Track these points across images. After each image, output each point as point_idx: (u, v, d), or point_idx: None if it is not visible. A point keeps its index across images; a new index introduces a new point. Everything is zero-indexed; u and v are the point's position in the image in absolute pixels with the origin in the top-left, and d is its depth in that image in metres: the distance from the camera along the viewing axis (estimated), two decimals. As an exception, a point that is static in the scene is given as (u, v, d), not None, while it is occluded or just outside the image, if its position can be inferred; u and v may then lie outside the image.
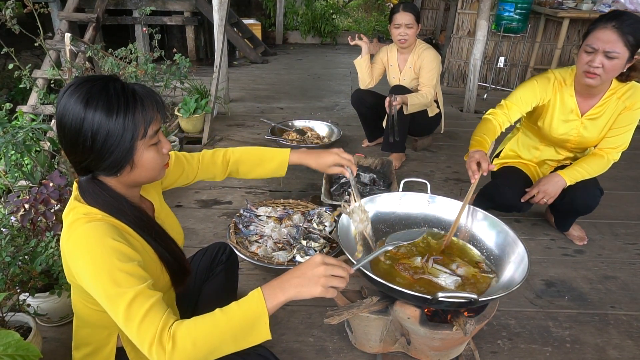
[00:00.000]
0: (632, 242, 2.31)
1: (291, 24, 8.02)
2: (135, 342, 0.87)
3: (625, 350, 1.63)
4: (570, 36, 4.81)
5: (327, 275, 0.94)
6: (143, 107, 0.93)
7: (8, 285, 1.36)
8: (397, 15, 2.84)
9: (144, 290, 0.89)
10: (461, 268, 1.45)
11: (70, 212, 0.97)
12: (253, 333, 0.90)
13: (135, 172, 0.98)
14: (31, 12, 2.35)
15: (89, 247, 0.90)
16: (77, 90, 0.91)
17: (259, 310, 0.90)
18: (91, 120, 0.89)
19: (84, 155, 0.93)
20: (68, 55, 2.81)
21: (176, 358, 0.84)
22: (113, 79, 0.94)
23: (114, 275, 0.88)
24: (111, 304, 0.88)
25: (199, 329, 0.87)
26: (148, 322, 0.86)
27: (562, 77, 1.96)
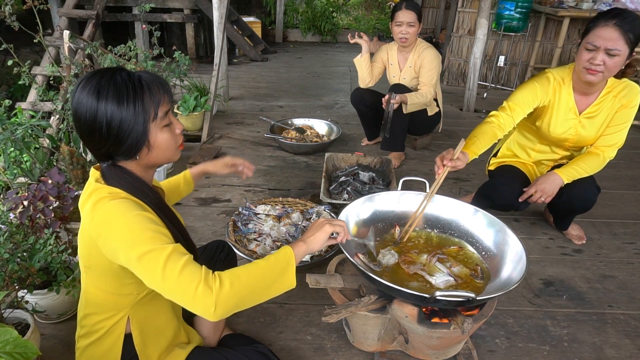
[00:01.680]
0: (631, 242, 2.31)
1: (291, 22, 8.01)
2: (176, 290, 0.92)
3: (622, 349, 1.64)
4: (571, 35, 4.80)
5: (329, 222, 1.17)
6: (150, 91, 1.00)
7: (6, 282, 1.36)
8: (400, 13, 2.82)
9: (178, 248, 0.96)
10: (455, 267, 1.46)
11: (92, 194, 1.02)
12: (283, 277, 1.03)
13: (153, 154, 1.05)
14: (30, 8, 2.35)
15: (121, 216, 0.96)
16: (88, 84, 0.97)
17: (289, 255, 1.06)
18: (104, 110, 0.96)
19: (101, 142, 1.00)
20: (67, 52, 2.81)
21: (223, 295, 0.92)
22: (119, 69, 1.00)
23: (148, 235, 0.95)
24: (148, 262, 0.93)
25: (240, 270, 0.98)
26: (189, 270, 0.93)
27: (560, 77, 1.96)
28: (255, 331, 1.65)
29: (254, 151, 3.24)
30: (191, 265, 0.94)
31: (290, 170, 2.95)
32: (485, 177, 2.32)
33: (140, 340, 1.13)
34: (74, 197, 1.74)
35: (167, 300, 1.20)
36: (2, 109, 2.13)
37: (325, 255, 1.91)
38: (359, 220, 1.61)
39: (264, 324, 1.68)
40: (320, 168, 2.94)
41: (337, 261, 1.62)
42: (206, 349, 1.29)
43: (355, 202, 1.62)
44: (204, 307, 0.91)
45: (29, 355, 1.00)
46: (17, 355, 0.99)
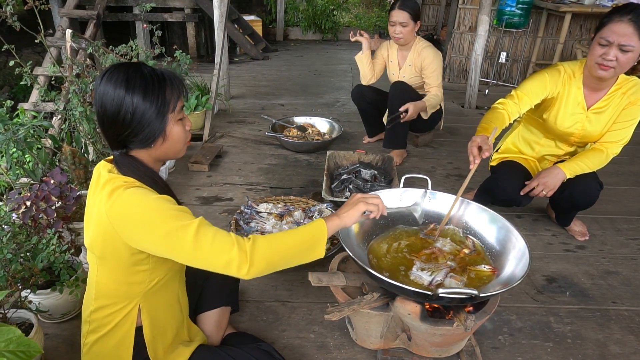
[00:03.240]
0: (634, 238, 2.30)
1: (292, 20, 8.00)
2: (209, 258, 0.99)
3: (627, 346, 1.63)
4: (573, 31, 4.78)
5: (364, 198, 1.20)
6: (171, 85, 1.08)
7: (9, 282, 1.37)
8: (393, 12, 2.81)
9: (204, 221, 1.03)
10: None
11: (106, 184, 1.05)
12: (314, 246, 1.09)
13: (166, 145, 1.11)
14: (32, 8, 2.34)
15: (142, 201, 1.01)
16: (115, 74, 1.04)
17: (322, 227, 1.11)
18: (131, 100, 1.03)
19: (123, 129, 1.05)
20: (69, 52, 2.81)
21: (257, 254, 0.99)
22: (143, 64, 1.09)
23: (172, 214, 1.01)
24: (176, 237, 0.98)
25: (273, 236, 1.04)
26: (221, 236, 1.00)
27: (571, 70, 1.94)
28: (258, 329, 1.65)
29: (256, 150, 3.24)
30: (222, 232, 1.01)
31: (292, 169, 2.95)
32: (486, 174, 2.31)
33: (150, 331, 1.15)
34: (76, 197, 1.75)
35: (174, 291, 1.21)
36: (4, 109, 2.14)
37: (328, 254, 1.90)
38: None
39: (267, 322, 1.69)
40: (321, 166, 2.94)
41: (339, 259, 1.62)
42: (210, 347, 1.29)
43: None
44: (237, 267, 0.98)
45: (32, 353, 1.00)
46: (20, 354, 0.99)
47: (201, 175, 2.82)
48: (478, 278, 1.42)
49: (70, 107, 2.32)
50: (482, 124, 1.87)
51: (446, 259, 1.49)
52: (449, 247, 1.54)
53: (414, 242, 1.59)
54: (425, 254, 1.52)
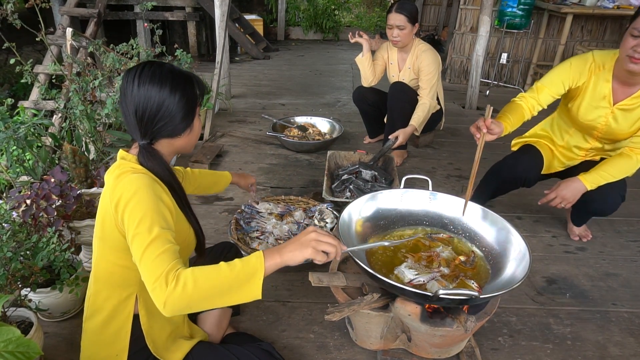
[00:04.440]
0: (634, 240, 2.30)
1: (293, 20, 7.99)
2: (145, 276, 0.98)
3: (626, 348, 1.63)
4: (574, 32, 4.78)
5: (317, 240, 1.04)
6: (197, 82, 1.18)
7: (10, 280, 1.36)
8: (390, 15, 2.79)
9: (168, 235, 1.02)
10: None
11: (116, 169, 1.12)
12: (247, 287, 0.98)
13: (190, 136, 1.19)
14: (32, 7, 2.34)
15: (140, 186, 1.05)
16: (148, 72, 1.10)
17: (257, 266, 1.00)
18: (173, 95, 1.10)
19: (162, 119, 1.12)
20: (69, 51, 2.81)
21: (174, 296, 0.93)
22: (168, 63, 1.15)
23: (151, 214, 1.02)
24: (139, 234, 1.00)
25: (202, 273, 0.97)
26: (160, 260, 0.97)
27: (601, 61, 1.83)
28: (258, 329, 1.65)
29: (256, 149, 3.24)
30: (166, 255, 0.98)
31: (293, 169, 2.95)
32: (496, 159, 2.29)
33: (147, 320, 1.16)
34: (77, 196, 1.74)
35: None
36: (4, 107, 2.13)
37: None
38: (362, 218, 1.61)
39: (266, 322, 1.68)
40: (322, 166, 2.94)
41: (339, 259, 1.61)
42: (211, 343, 1.30)
43: (357, 201, 1.62)
44: (156, 301, 0.95)
45: (31, 354, 1.00)
46: (19, 355, 0.99)
47: (201, 175, 2.82)
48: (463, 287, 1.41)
49: (71, 106, 2.32)
50: (500, 114, 1.86)
51: (441, 264, 1.48)
52: (448, 254, 1.53)
53: (414, 244, 1.58)
54: (422, 256, 1.52)
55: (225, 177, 1.74)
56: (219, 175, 1.73)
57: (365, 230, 1.60)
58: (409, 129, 2.79)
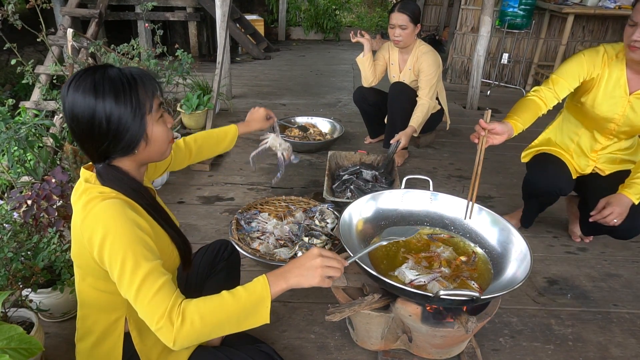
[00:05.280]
0: (636, 240, 2.29)
1: (294, 20, 7.99)
2: (144, 316, 0.92)
3: (628, 349, 1.63)
4: (575, 32, 4.77)
5: (323, 267, 1.02)
6: (143, 84, 1.01)
7: (11, 281, 1.37)
8: (392, 15, 2.79)
9: (158, 266, 0.95)
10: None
11: (82, 194, 1.01)
12: (255, 315, 0.97)
13: (150, 148, 1.05)
14: (33, 7, 2.35)
15: (110, 219, 0.95)
16: (82, 82, 0.97)
17: (264, 294, 0.97)
18: (103, 106, 0.96)
19: (101, 139, 0.99)
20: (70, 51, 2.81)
21: (183, 334, 0.90)
22: (109, 66, 1.00)
23: (133, 247, 0.93)
24: (127, 275, 0.92)
25: (207, 307, 0.93)
26: (159, 297, 0.91)
27: (613, 51, 1.83)
28: (258, 330, 1.64)
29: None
30: (163, 291, 0.92)
31: (293, 169, 2.95)
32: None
33: (140, 340, 1.12)
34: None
35: None
36: (5, 108, 2.14)
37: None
38: (362, 219, 1.61)
39: (267, 322, 1.68)
40: (323, 166, 2.93)
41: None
42: (209, 349, 1.29)
43: (358, 201, 1.62)
44: (164, 339, 0.91)
45: (34, 351, 1.02)
46: (22, 351, 1.01)
47: (202, 175, 2.82)
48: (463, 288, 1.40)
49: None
50: (509, 113, 1.80)
51: (442, 265, 1.48)
52: (449, 255, 1.53)
53: (415, 245, 1.58)
54: (423, 256, 1.52)
55: (231, 131, 1.59)
56: (223, 131, 1.58)
57: (366, 230, 1.59)
58: (409, 130, 2.78)
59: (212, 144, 1.55)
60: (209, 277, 1.47)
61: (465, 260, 1.50)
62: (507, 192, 2.72)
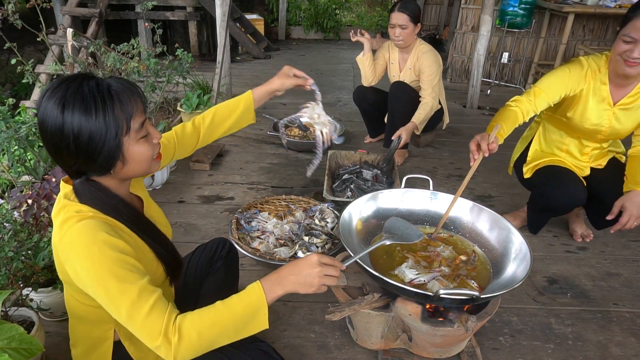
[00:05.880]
0: (636, 239, 2.29)
1: (294, 19, 7.99)
2: (140, 336, 0.90)
3: (628, 348, 1.63)
4: (575, 31, 4.77)
5: (321, 275, 1.00)
6: (121, 103, 0.91)
7: (11, 280, 1.37)
8: (392, 15, 2.79)
9: (146, 285, 0.91)
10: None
11: (60, 211, 0.96)
12: (252, 323, 0.96)
13: (128, 167, 0.97)
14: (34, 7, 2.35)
15: (85, 246, 0.89)
16: (54, 94, 0.89)
17: (260, 303, 0.96)
18: (70, 124, 0.88)
19: (70, 159, 0.93)
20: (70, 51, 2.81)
21: (182, 350, 0.88)
22: (87, 77, 0.92)
23: (114, 271, 0.89)
24: (113, 300, 0.89)
25: (203, 321, 0.91)
26: (153, 317, 0.88)
27: (596, 65, 1.84)
28: (258, 329, 1.65)
29: (257, 149, 3.24)
30: (155, 310, 0.89)
31: (293, 168, 2.95)
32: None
33: (135, 348, 1.10)
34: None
35: None
36: (6, 107, 2.14)
37: (329, 253, 1.90)
38: (362, 218, 1.61)
39: (267, 321, 1.68)
40: (323, 166, 2.93)
41: (340, 259, 1.61)
42: None
43: (358, 200, 1.62)
44: (164, 356, 0.89)
45: (34, 351, 1.02)
46: (22, 351, 1.01)
47: (202, 174, 2.82)
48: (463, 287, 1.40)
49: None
50: (491, 122, 1.80)
51: (442, 264, 1.48)
52: (448, 254, 1.53)
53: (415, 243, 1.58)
54: (422, 255, 1.52)
55: (244, 97, 1.39)
56: (235, 99, 1.38)
57: (365, 230, 1.60)
58: (410, 125, 2.78)
59: (223, 115, 1.38)
60: (207, 276, 1.47)
61: (464, 260, 1.50)
62: (507, 192, 2.72)
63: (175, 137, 1.33)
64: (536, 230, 2.24)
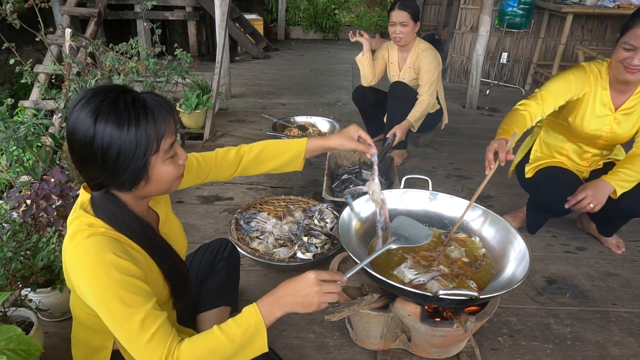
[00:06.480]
0: (634, 240, 2.30)
1: (293, 20, 7.98)
2: (140, 356, 0.89)
3: (626, 348, 1.63)
4: (574, 32, 4.77)
5: (320, 294, 0.98)
6: (155, 121, 0.90)
7: (10, 280, 1.37)
8: (392, 13, 2.81)
9: (151, 310, 0.89)
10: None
11: (74, 221, 0.96)
12: (251, 347, 0.95)
13: (151, 186, 0.96)
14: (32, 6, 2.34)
15: (91, 265, 0.88)
16: (88, 104, 0.88)
17: (258, 327, 0.95)
18: (101, 137, 0.87)
19: (95, 172, 0.92)
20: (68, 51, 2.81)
21: None
22: (124, 91, 0.91)
23: (119, 295, 0.87)
24: (116, 322, 0.88)
25: (201, 349, 0.90)
26: (154, 344, 0.88)
27: (597, 70, 1.86)
28: (257, 329, 1.65)
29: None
30: (157, 337, 0.88)
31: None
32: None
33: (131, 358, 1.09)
34: (76, 196, 1.74)
35: None
36: (4, 107, 2.13)
37: (328, 254, 1.90)
38: (361, 218, 1.61)
39: (266, 322, 1.68)
40: (322, 166, 2.93)
41: (339, 259, 1.61)
42: None
43: (357, 200, 1.62)
44: None
45: (32, 352, 1.01)
46: (20, 352, 1.01)
47: (201, 174, 2.82)
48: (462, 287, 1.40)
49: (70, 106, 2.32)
50: (503, 126, 1.79)
51: (443, 264, 1.48)
52: (457, 254, 1.52)
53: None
54: (422, 255, 1.52)
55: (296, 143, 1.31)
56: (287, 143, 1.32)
57: (365, 230, 1.59)
58: (405, 123, 2.79)
59: (270, 154, 1.32)
60: (209, 277, 1.47)
61: (468, 262, 1.49)
62: (506, 192, 2.72)
63: (214, 159, 1.31)
64: (534, 231, 2.24)
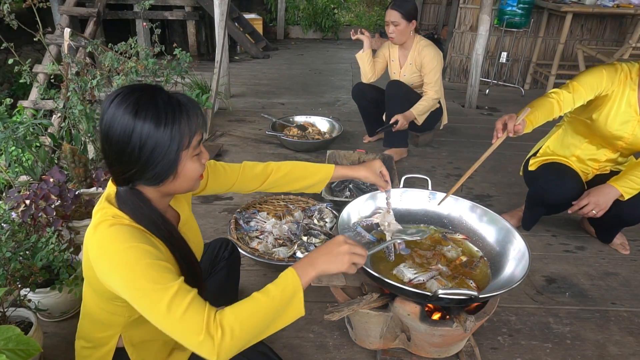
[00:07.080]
0: (634, 239, 2.30)
1: (292, 19, 7.98)
2: (179, 335, 0.87)
3: (626, 347, 1.63)
4: (574, 31, 4.78)
5: (350, 253, 1.02)
6: (188, 118, 0.95)
7: (9, 280, 1.36)
8: (386, 12, 2.86)
9: (182, 284, 0.90)
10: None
11: (99, 212, 0.98)
12: (290, 310, 0.96)
13: (177, 182, 0.99)
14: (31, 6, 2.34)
15: (117, 249, 0.90)
16: (125, 100, 0.91)
17: (295, 287, 0.96)
18: (140, 131, 0.90)
19: (129, 165, 0.94)
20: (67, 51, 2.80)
21: (225, 345, 0.86)
22: (159, 89, 0.95)
23: (149, 274, 0.88)
24: (149, 300, 0.88)
25: (243, 312, 0.91)
26: (191, 313, 0.87)
27: (628, 70, 1.85)
28: (257, 329, 1.64)
29: (256, 149, 3.23)
30: (193, 307, 0.88)
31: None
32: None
33: (137, 355, 1.11)
34: (75, 196, 1.74)
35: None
36: (3, 107, 2.13)
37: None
38: (361, 218, 1.61)
39: (266, 321, 1.68)
40: (321, 165, 2.93)
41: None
42: None
43: (357, 200, 1.62)
44: (206, 354, 0.87)
45: (31, 352, 1.01)
46: (19, 352, 1.00)
47: (201, 174, 2.81)
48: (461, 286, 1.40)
49: (70, 106, 2.32)
50: (527, 106, 1.77)
51: (442, 263, 1.48)
52: (453, 254, 1.53)
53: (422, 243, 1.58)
54: (421, 254, 1.52)
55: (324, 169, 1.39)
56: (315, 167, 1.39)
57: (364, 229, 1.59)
58: (408, 113, 2.86)
59: (297, 175, 1.38)
60: (209, 276, 1.47)
61: (465, 262, 1.50)
62: (506, 191, 2.72)
63: (241, 171, 1.34)
64: (529, 227, 2.25)
